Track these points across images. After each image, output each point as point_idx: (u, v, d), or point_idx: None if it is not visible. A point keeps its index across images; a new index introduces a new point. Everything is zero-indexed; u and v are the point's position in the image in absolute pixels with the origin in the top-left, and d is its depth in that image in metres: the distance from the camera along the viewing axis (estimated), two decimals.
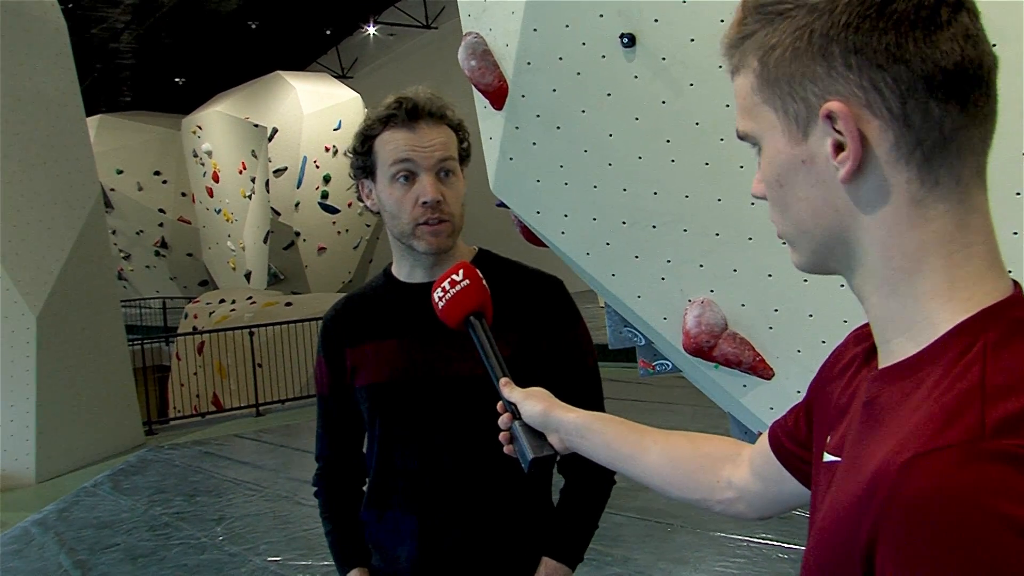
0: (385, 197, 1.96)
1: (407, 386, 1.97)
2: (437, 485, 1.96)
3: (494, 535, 1.97)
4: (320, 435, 2.19)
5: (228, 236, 19.64)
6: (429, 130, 1.94)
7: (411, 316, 1.98)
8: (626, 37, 2.67)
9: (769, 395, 2.75)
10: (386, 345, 2.00)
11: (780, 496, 1.23)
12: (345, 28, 27.17)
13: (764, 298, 2.72)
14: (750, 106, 0.91)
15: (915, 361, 0.82)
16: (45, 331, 8.88)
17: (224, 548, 6.06)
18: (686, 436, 1.38)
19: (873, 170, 0.82)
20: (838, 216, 0.86)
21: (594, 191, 2.76)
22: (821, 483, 0.95)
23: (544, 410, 1.41)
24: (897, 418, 0.78)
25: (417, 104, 1.94)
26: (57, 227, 9.19)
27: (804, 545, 3.09)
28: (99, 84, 26.26)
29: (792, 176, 0.88)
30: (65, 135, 9.53)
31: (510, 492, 1.98)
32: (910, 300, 0.84)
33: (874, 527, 0.72)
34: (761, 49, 0.87)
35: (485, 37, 2.86)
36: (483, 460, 1.93)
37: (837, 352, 1.08)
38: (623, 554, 5.33)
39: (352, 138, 2.01)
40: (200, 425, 12.02)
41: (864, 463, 0.78)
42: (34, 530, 6.94)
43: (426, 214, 1.91)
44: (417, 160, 1.91)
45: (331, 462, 2.18)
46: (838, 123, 0.82)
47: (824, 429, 1.01)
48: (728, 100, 2.66)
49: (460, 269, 1.59)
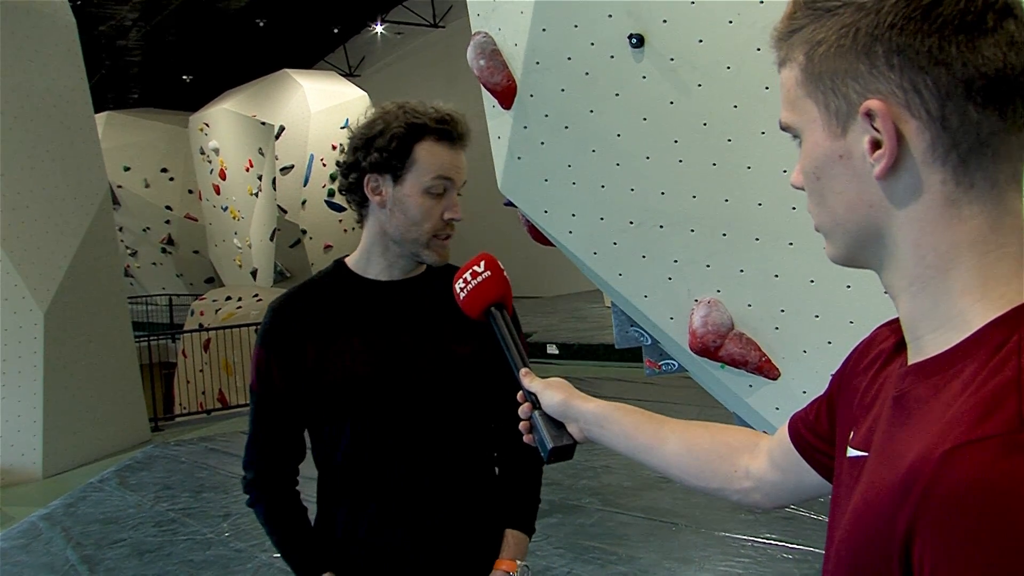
0: (412, 204, 2.01)
1: (380, 380, 2.03)
2: (408, 473, 2.05)
3: (465, 515, 2.11)
4: (255, 438, 2.12)
5: (235, 233, 19.64)
6: (461, 152, 2.07)
7: (378, 312, 2.08)
8: (635, 37, 2.67)
9: (775, 395, 2.76)
10: (355, 340, 2.05)
11: (799, 487, 1.24)
12: (353, 26, 27.19)
13: (771, 299, 2.73)
14: (793, 99, 0.92)
15: (948, 356, 0.82)
16: (52, 327, 8.90)
17: (230, 544, 6.08)
18: (704, 426, 1.40)
19: (908, 169, 0.83)
20: (872, 212, 0.87)
21: (602, 191, 2.77)
22: (845, 478, 0.95)
23: (564, 400, 1.43)
24: (931, 412, 0.79)
25: (459, 128, 2.05)
26: (65, 223, 9.21)
27: (809, 545, 3.10)
28: (107, 81, 26.31)
29: (829, 170, 0.89)
30: (73, 132, 9.55)
31: (468, 475, 2.13)
32: (943, 297, 0.85)
33: (912, 519, 0.73)
34: (808, 44, 0.89)
35: (494, 36, 2.86)
36: (447, 447, 2.09)
37: (862, 347, 1.09)
38: (628, 553, 5.33)
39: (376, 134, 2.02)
40: (206, 422, 12.04)
41: (897, 456, 0.79)
42: (41, 525, 6.96)
43: (446, 229, 2.04)
44: (454, 179, 2.04)
45: (272, 465, 2.13)
46: (876, 121, 0.83)
47: (848, 424, 1.02)
48: (735, 101, 2.68)
49: (481, 261, 1.64)
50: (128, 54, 25.92)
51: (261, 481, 2.12)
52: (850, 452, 0.96)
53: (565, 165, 2.78)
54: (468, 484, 2.13)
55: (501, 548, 2.14)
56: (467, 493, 2.12)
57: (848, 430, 1.00)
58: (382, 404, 2.03)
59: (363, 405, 2.04)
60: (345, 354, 2.04)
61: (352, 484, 2.08)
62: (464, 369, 2.09)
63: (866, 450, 0.91)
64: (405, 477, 2.05)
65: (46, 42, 9.32)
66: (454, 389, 2.09)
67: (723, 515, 5.92)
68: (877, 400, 0.95)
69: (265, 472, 2.13)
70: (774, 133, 2.63)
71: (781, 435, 1.25)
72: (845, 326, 2.59)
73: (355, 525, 2.08)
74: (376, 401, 2.03)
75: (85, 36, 10.70)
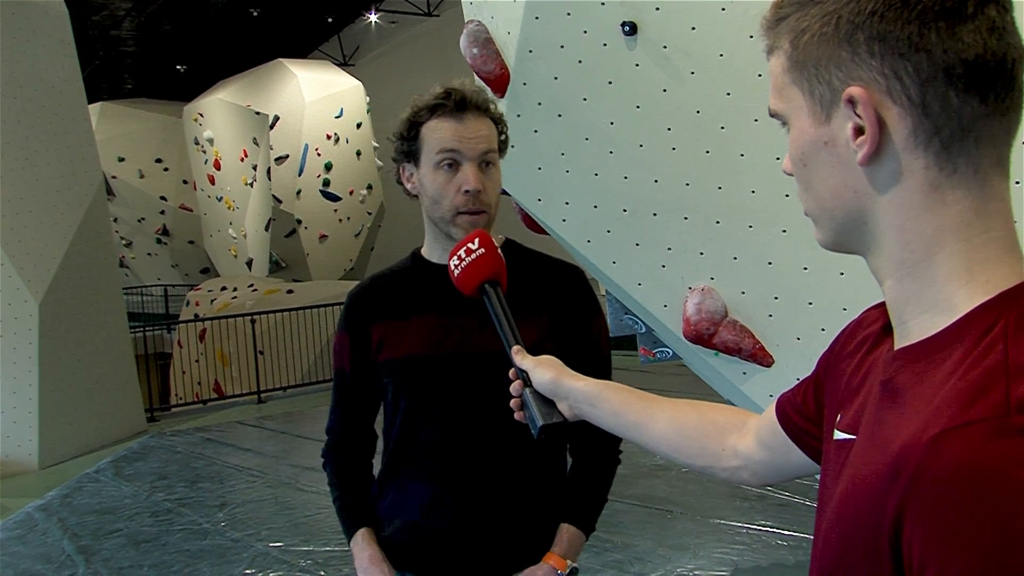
0: (428, 182, 2.04)
1: (435, 361, 2.05)
2: (461, 457, 2.05)
3: (515, 504, 2.07)
4: (333, 409, 2.24)
5: (230, 224, 19.63)
6: (474, 122, 2.03)
7: (440, 294, 2.04)
8: (628, 25, 2.67)
9: (769, 382, 2.76)
10: (414, 321, 2.08)
11: (786, 466, 1.26)
12: (347, 16, 27.09)
13: (764, 286, 2.74)
14: (781, 86, 0.94)
15: (935, 341, 0.83)
16: (47, 318, 8.89)
17: (226, 534, 6.08)
18: (692, 404, 1.41)
19: (891, 155, 0.84)
20: (857, 197, 0.88)
21: (595, 179, 2.77)
22: (833, 460, 0.96)
23: (554, 378, 1.45)
24: (919, 396, 0.80)
25: (465, 96, 2.03)
26: (59, 214, 9.19)
27: (803, 532, 3.10)
28: (101, 71, 26.21)
29: (815, 156, 0.91)
30: (67, 122, 9.53)
31: (529, 464, 2.08)
32: (928, 282, 0.85)
33: (901, 502, 0.73)
34: (793, 32, 0.90)
35: (487, 25, 2.86)
36: (506, 433, 1.99)
37: (848, 331, 1.10)
38: (623, 540, 5.35)
39: (398, 123, 2.10)
40: (202, 412, 12.05)
41: (886, 440, 0.79)
42: (37, 516, 6.97)
43: (467, 203, 2.00)
44: (462, 150, 2.01)
45: (342, 435, 2.24)
46: (858, 108, 0.84)
47: (835, 407, 1.02)
48: (728, 89, 2.68)
49: (476, 238, 1.66)
50: (122, 44, 25.82)
51: (333, 446, 2.25)
52: (837, 435, 0.97)
53: (558, 153, 2.78)
54: (522, 477, 2.08)
55: (554, 542, 2.08)
56: (519, 487, 2.08)
57: (835, 413, 1.01)
58: (434, 384, 2.06)
59: (415, 385, 2.07)
60: (400, 335, 2.08)
61: (403, 461, 2.12)
62: None
63: (853, 433, 0.92)
64: (454, 459, 2.05)
65: (39, 33, 9.29)
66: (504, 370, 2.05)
67: (718, 502, 5.93)
68: (864, 384, 0.96)
69: (336, 440, 2.24)
70: (767, 121, 2.63)
71: (769, 415, 1.27)
72: (838, 313, 2.60)
73: (401, 503, 2.11)
74: (428, 381, 2.06)
75: (78, 26, 10.67)
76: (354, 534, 2.15)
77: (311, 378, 13.56)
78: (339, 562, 5.34)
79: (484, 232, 1.68)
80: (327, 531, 5.94)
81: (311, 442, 8.80)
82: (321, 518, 6.25)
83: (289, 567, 5.30)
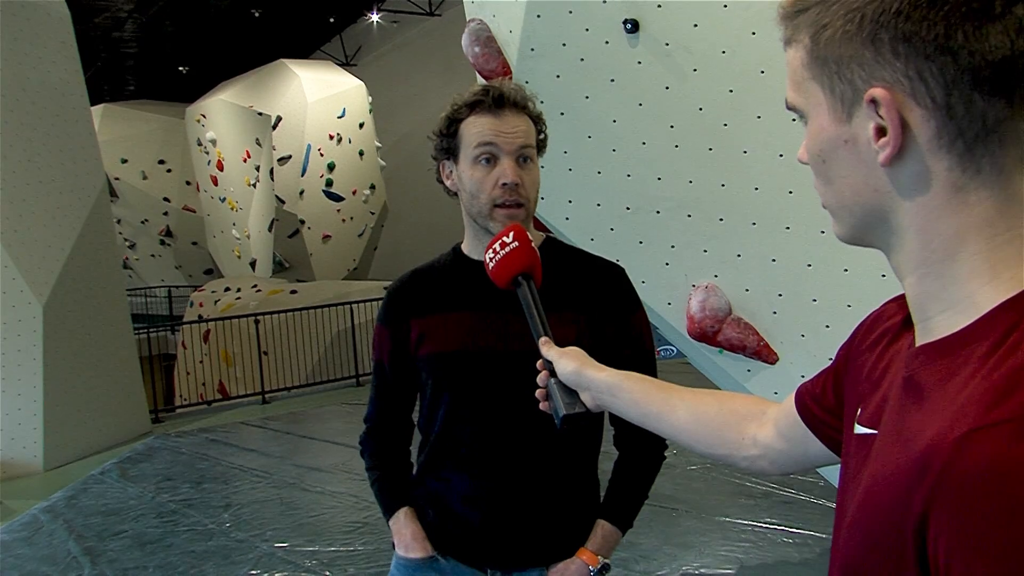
0: (466, 177, 2.07)
1: (476, 356, 2.08)
2: (502, 451, 2.08)
3: (549, 499, 2.10)
4: (373, 399, 2.29)
5: (233, 224, 19.63)
6: (512, 117, 2.05)
7: (480, 290, 2.06)
8: (629, 23, 2.67)
9: (773, 379, 2.76)
10: (455, 316, 2.11)
11: (805, 456, 1.26)
12: (348, 16, 27.07)
13: (768, 283, 2.73)
14: (799, 80, 0.92)
15: (959, 338, 0.82)
16: (51, 320, 8.90)
17: (231, 534, 6.09)
18: (712, 394, 1.43)
19: (913, 156, 0.83)
20: (878, 196, 0.87)
21: (598, 177, 2.77)
22: (853, 454, 0.96)
23: (577, 368, 1.47)
24: (944, 394, 0.79)
25: (503, 93, 2.05)
26: (62, 216, 9.20)
27: (809, 529, 3.10)
28: (103, 73, 26.23)
29: (834, 153, 0.89)
30: (70, 124, 9.54)
31: (565, 459, 2.13)
32: (950, 280, 0.85)
33: (927, 501, 0.73)
34: (814, 26, 0.88)
35: (489, 24, 2.86)
36: (544, 428, 2.00)
37: (868, 323, 1.09)
38: (628, 538, 5.30)
39: (438, 121, 2.12)
40: (206, 413, 12.05)
41: (910, 437, 0.79)
42: (42, 517, 6.97)
43: (504, 195, 2.02)
44: (499, 144, 2.03)
45: (379, 424, 2.28)
46: (881, 109, 0.83)
47: (855, 400, 1.02)
48: (731, 86, 2.67)
49: (511, 231, 1.68)
50: (124, 46, 25.82)
51: (372, 433, 2.30)
52: (858, 429, 0.97)
53: (561, 151, 2.78)
54: (559, 472, 2.11)
55: (589, 537, 2.12)
56: (556, 481, 2.11)
57: (855, 407, 1.01)
58: (472, 379, 2.08)
59: (455, 379, 2.10)
60: (441, 329, 2.11)
61: (443, 455, 2.15)
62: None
63: (874, 428, 0.92)
64: (494, 456, 2.08)
65: (41, 35, 9.29)
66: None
67: (723, 500, 5.93)
68: (885, 378, 0.96)
69: (374, 428, 2.29)
70: (770, 117, 2.62)
71: (788, 406, 1.27)
72: (843, 310, 2.59)
73: (439, 494, 2.14)
74: (466, 376, 2.09)
75: (80, 28, 10.68)
76: (395, 512, 2.19)
77: (315, 378, 13.56)
78: (344, 562, 5.34)
79: (519, 226, 1.70)
80: (332, 531, 5.94)
81: (316, 442, 8.82)
82: (326, 518, 6.25)
83: (294, 567, 5.31)
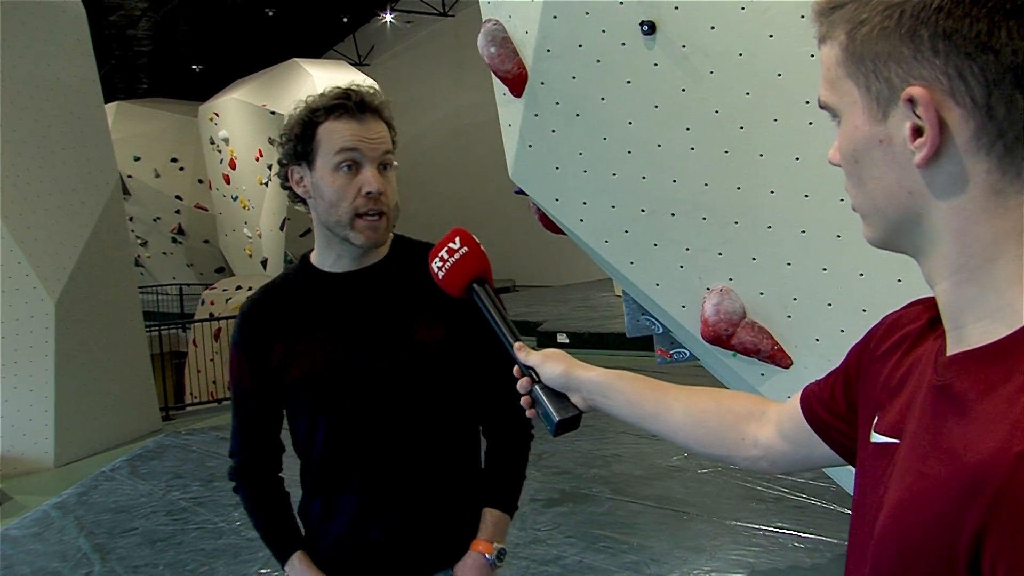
0: (325, 185, 1.99)
1: (348, 374, 2.01)
2: (387, 465, 2.02)
3: (444, 503, 2.07)
4: (236, 430, 2.18)
5: (244, 223, 19.67)
6: (374, 123, 2.00)
7: (342, 304, 2.04)
8: (646, 24, 2.66)
9: (787, 384, 2.75)
10: (320, 336, 2.04)
11: (809, 458, 1.24)
12: (362, 15, 27.13)
13: (783, 287, 2.72)
14: (833, 78, 0.90)
15: (998, 348, 0.80)
16: (63, 317, 8.92)
17: (241, 533, 6.09)
18: (709, 393, 1.40)
19: (951, 157, 0.81)
20: (912, 199, 0.85)
21: (613, 179, 2.76)
22: (872, 464, 0.94)
23: (564, 371, 1.42)
24: (991, 407, 0.76)
25: (364, 98, 1.99)
26: (76, 214, 9.22)
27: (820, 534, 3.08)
28: (117, 71, 26.32)
29: (868, 154, 0.87)
30: (84, 122, 9.56)
31: (449, 459, 2.09)
32: (988, 287, 0.82)
33: (984, 520, 0.71)
34: (850, 23, 0.86)
35: (505, 24, 2.85)
36: (427, 435, 2.04)
37: (884, 329, 1.07)
38: (639, 542, 5.33)
39: (287, 124, 2.07)
40: (217, 411, 12.06)
41: (954, 451, 0.77)
42: (53, 514, 6.99)
43: (367, 205, 1.96)
44: (363, 151, 1.96)
45: (250, 457, 2.18)
46: (919, 108, 0.80)
47: (871, 407, 1.00)
48: (747, 88, 2.66)
49: (456, 236, 1.60)
50: (138, 44, 25.91)
51: (241, 469, 2.18)
52: (875, 437, 0.94)
53: (576, 153, 2.77)
54: (446, 473, 2.08)
55: (479, 528, 2.10)
56: (445, 483, 2.08)
57: (871, 414, 0.98)
58: (348, 398, 2.02)
59: (330, 399, 2.03)
60: (307, 350, 2.03)
61: (328, 476, 2.08)
62: (431, 355, 2.03)
63: (895, 436, 0.89)
64: (380, 470, 2.03)
65: (56, 33, 9.32)
66: (421, 377, 2.03)
67: (734, 504, 5.91)
68: (906, 385, 0.93)
69: (244, 461, 2.18)
70: (787, 120, 2.61)
71: (792, 408, 1.24)
72: (858, 314, 2.58)
73: (330, 517, 2.08)
74: (342, 395, 2.02)
75: (95, 26, 10.70)
76: (289, 557, 2.10)
77: None
78: None
79: (463, 230, 1.62)
80: None
81: None
82: None
83: None
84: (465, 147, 22.68)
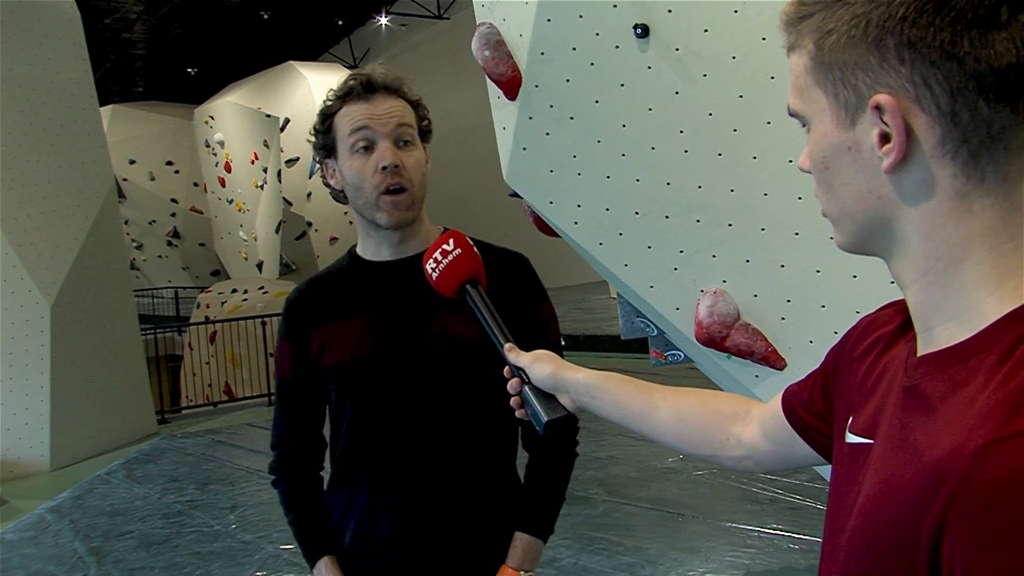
0: (347, 171, 1.98)
1: (377, 363, 1.97)
2: (408, 462, 1.97)
3: (466, 510, 1.99)
4: (279, 421, 2.14)
5: (240, 226, 19.67)
6: (385, 100, 1.99)
7: (378, 294, 2.01)
8: (640, 27, 2.67)
9: (781, 385, 2.74)
10: (354, 323, 2.01)
11: (791, 457, 1.25)
12: (357, 18, 27.15)
13: (777, 289, 2.72)
14: (802, 86, 0.91)
15: (964, 348, 0.82)
16: (59, 320, 8.92)
17: (237, 536, 6.09)
18: (695, 393, 1.41)
19: (918, 163, 0.83)
20: (881, 204, 0.86)
21: (607, 181, 2.76)
22: (846, 464, 0.95)
23: (553, 372, 1.43)
24: (954, 405, 0.78)
25: (371, 78, 2.00)
26: (71, 217, 9.23)
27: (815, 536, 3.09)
28: (112, 74, 26.31)
29: (837, 160, 0.89)
30: (78, 125, 9.56)
31: (481, 467, 2.01)
32: (955, 290, 0.84)
33: (942, 515, 0.72)
34: (818, 32, 0.87)
35: (499, 27, 2.86)
36: (453, 435, 1.98)
37: (859, 331, 1.09)
38: (635, 544, 5.34)
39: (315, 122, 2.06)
40: (213, 414, 12.07)
41: (918, 449, 0.78)
42: (49, 517, 6.99)
43: (386, 180, 1.93)
44: (374, 127, 1.96)
45: (290, 448, 2.14)
46: (886, 115, 0.82)
47: (846, 408, 1.01)
48: (741, 91, 2.67)
49: (450, 238, 1.61)
50: (133, 47, 25.92)
51: (281, 462, 2.14)
52: (849, 438, 0.96)
53: (570, 156, 2.77)
54: (471, 479, 1.99)
55: (508, 553, 1.99)
56: (469, 490, 1.99)
57: (847, 415, 1.00)
58: (375, 388, 1.97)
59: (357, 388, 1.99)
60: (342, 339, 2.00)
61: (348, 470, 2.04)
62: (463, 351, 1.96)
63: (869, 437, 0.91)
64: (401, 465, 1.97)
65: (51, 36, 9.33)
66: (450, 371, 1.97)
67: (729, 506, 5.92)
68: (879, 386, 0.95)
69: (284, 455, 2.14)
70: (780, 123, 2.62)
71: (774, 408, 1.26)
72: (851, 316, 2.58)
73: (349, 512, 2.03)
74: (367, 384, 1.98)
75: (90, 29, 10.70)
76: (316, 562, 2.05)
77: None
78: None
79: (457, 232, 1.64)
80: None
81: None
82: None
83: (300, 569, 5.29)
84: (460, 149, 22.72)
